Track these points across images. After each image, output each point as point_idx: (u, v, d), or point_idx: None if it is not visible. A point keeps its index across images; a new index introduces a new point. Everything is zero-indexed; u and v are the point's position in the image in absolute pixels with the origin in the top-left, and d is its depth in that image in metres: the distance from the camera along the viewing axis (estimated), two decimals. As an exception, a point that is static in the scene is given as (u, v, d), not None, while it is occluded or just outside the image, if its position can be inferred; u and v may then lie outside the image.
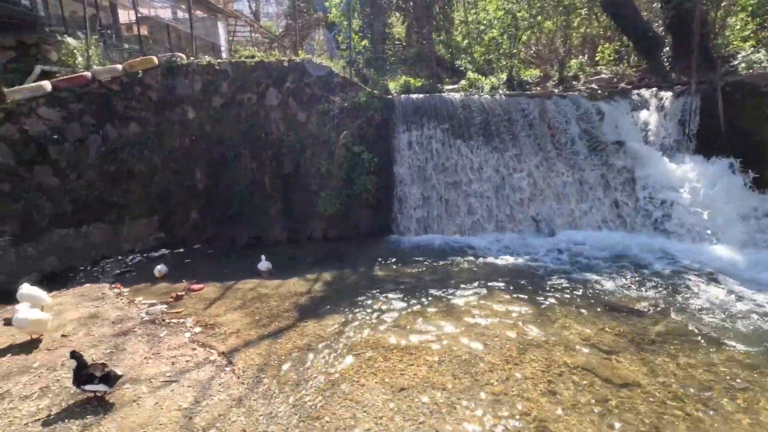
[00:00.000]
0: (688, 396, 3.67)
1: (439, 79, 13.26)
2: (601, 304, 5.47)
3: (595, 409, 3.53)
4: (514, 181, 8.75)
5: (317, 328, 5.03)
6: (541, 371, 4.04)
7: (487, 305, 5.51)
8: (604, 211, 8.41)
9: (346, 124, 9.02)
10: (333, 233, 9.02)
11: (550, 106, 9.21)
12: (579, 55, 15.35)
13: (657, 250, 7.15)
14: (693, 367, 4.06)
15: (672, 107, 8.85)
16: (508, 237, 8.31)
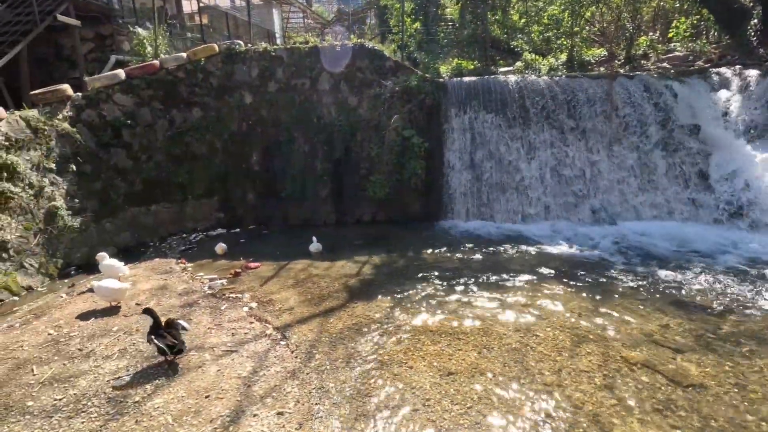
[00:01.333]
0: (763, 401, 3.38)
1: (492, 61, 12.82)
2: (665, 298, 5.13)
3: (657, 408, 3.35)
4: (572, 168, 8.33)
5: (366, 309, 5.13)
6: (597, 365, 3.88)
7: (538, 294, 5.35)
8: (673, 200, 7.82)
9: (396, 108, 8.97)
10: (382, 217, 9.10)
11: (616, 87, 8.61)
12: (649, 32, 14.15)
13: (732, 244, 6.57)
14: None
15: (759, 87, 7.97)
16: (564, 225, 7.97)
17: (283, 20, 20.80)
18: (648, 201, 7.92)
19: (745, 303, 4.96)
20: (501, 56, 13.83)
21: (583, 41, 12.55)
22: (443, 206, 8.90)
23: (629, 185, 8.06)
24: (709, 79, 8.51)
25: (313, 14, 23.34)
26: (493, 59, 13.24)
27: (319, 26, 21.70)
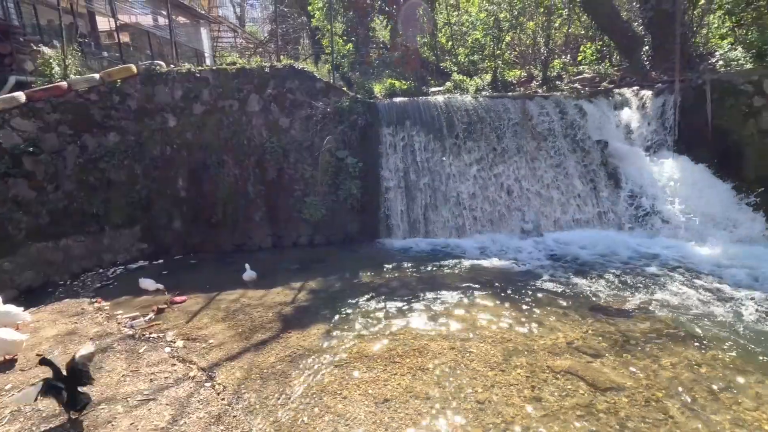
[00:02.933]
0: (670, 397, 3.66)
1: (424, 81, 13.26)
2: (586, 305, 5.47)
3: (579, 414, 3.51)
4: (499, 183, 8.76)
5: (300, 338, 4.95)
6: (525, 377, 4.02)
7: (472, 310, 5.48)
8: (590, 211, 8.46)
9: (329, 129, 8.96)
10: (319, 239, 8.95)
11: (534, 106, 9.24)
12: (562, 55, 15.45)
13: (640, 249, 7.19)
14: (675, 367, 4.07)
15: (652, 106, 8.94)
16: (495, 238, 8.30)
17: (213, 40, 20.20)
18: (568, 212, 8.51)
19: (652, 304, 5.42)
20: (432, 76, 14.39)
21: (505, 63, 13.42)
22: (380, 225, 8.94)
23: (551, 198, 8.61)
24: (612, 99, 9.40)
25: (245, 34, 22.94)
26: (424, 79, 13.74)
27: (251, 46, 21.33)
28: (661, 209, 7.83)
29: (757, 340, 4.47)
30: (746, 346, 4.37)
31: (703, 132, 8.58)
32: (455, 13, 15.15)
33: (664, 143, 8.83)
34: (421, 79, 13.20)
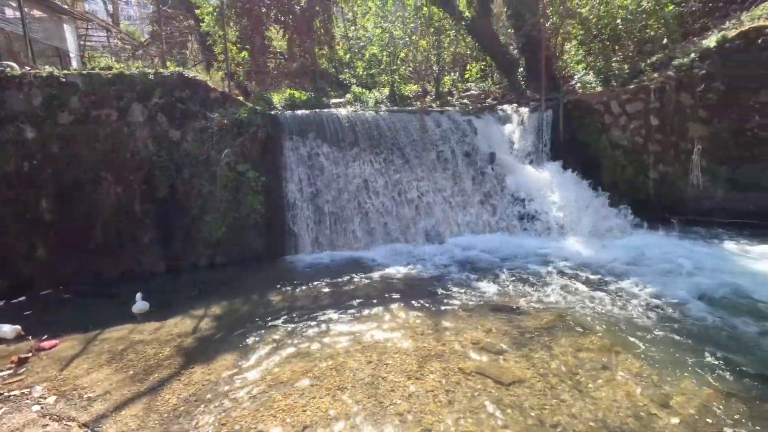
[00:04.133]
0: (562, 383, 4.13)
1: (324, 93, 13.26)
2: (488, 305, 5.93)
3: (489, 411, 3.77)
4: (402, 194, 9.10)
5: (206, 372, 4.54)
6: (440, 382, 4.19)
7: (385, 321, 5.58)
8: (485, 218, 9.23)
9: (227, 141, 8.44)
10: (221, 259, 8.34)
11: (430, 120, 9.82)
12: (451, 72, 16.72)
13: (529, 249, 8.04)
14: (564, 355, 4.60)
15: (529, 121, 10.11)
16: (402, 248, 8.59)
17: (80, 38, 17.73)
18: (466, 219, 9.18)
19: (542, 300, 6.08)
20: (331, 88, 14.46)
21: (401, 78, 14.07)
22: (288, 241, 8.66)
23: (450, 206, 9.21)
24: (496, 114, 10.43)
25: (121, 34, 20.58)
26: (324, 91, 13.75)
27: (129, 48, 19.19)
28: (544, 212, 8.88)
29: (625, 322, 5.27)
30: (617, 329, 5.12)
31: (570, 144, 9.98)
32: (352, 27, 15.47)
33: (542, 154, 10.05)
34: (322, 90, 13.18)
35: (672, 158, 9.68)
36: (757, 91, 8.99)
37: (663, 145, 9.70)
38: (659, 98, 9.70)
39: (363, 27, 15.03)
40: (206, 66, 15.23)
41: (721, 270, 6.45)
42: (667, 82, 9.69)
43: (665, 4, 11.20)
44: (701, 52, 9.61)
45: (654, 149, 9.71)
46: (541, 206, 8.94)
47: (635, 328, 5.09)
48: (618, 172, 9.78)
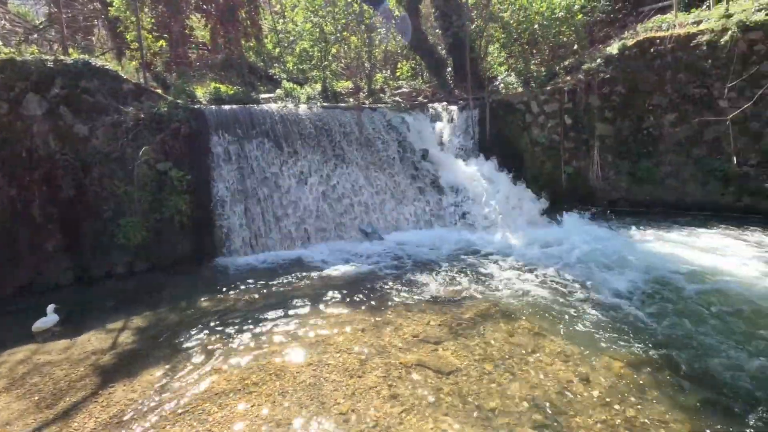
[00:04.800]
0: (496, 367, 4.35)
1: (253, 87, 12.72)
2: (426, 299, 6.08)
3: (431, 400, 3.87)
4: (338, 190, 9.02)
5: (129, 390, 4.15)
6: (382, 377, 4.22)
7: (325, 320, 5.49)
8: (420, 213, 9.45)
9: (145, 137, 7.77)
10: (141, 266, 7.68)
11: (364, 117, 9.82)
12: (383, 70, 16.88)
13: (463, 242, 8.38)
14: (498, 341, 4.86)
15: (459, 119, 10.52)
16: (339, 245, 8.52)
17: (-44, 16, 15.23)
18: (403, 214, 9.33)
19: (476, 290, 6.36)
20: (261, 82, 13.91)
21: (333, 74, 13.91)
22: (218, 243, 8.19)
23: (387, 203, 9.30)
24: (428, 112, 10.72)
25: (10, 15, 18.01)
26: (253, 85, 13.18)
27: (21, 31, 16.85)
28: (475, 206, 9.30)
29: (550, 306, 5.67)
30: (543, 314, 5.50)
31: (497, 141, 10.55)
32: (281, 20, 14.97)
33: (471, 150, 10.50)
34: (250, 84, 12.63)
35: (583, 154, 10.63)
36: (651, 95, 10.16)
37: (576, 142, 10.62)
38: (572, 99, 10.59)
39: (292, 21, 14.60)
40: (117, 54, 13.86)
41: (628, 254, 7.20)
42: (578, 85, 10.60)
43: (575, 13, 12.23)
44: (605, 58, 10.64)
45: (568, 146, 10.60)
46: (472, 200, 9.35)
47: (559, 311, 5.51)
48: (539, 166, 10.53)
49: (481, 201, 9.28)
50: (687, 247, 7.34)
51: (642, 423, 3.51)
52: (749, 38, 9.13)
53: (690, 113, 9.75)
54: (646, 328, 5.01)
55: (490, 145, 10.49)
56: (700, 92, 9.69)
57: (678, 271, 6.45)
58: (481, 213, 9.17)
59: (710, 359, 4.31)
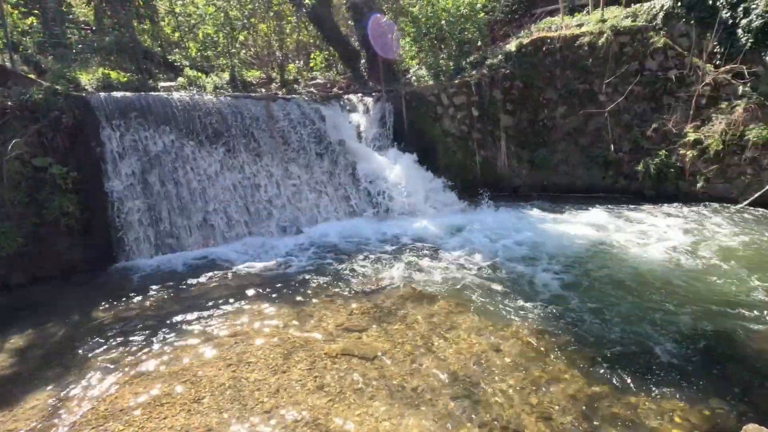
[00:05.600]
0: (417, 348, 4.53)
1: (150, 75, 11.61)
2: (348, 289, 6.09)
3: (357, 387, 3.91)
4: (252, 184, 8.63)
5: (11, 420, 3.59)
6: (307, 370, 4.16)
7: (244, 318, 5.25)
8: (339, 204, 9.41)
9: (15, 129, 6.70)
10: (19, 278, 6.66)
11: (277, 108, 9.48)
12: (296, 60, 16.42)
13: (382, 231, 8.51)
14: (418, 323, 5.05)
15: (374, 110, 10.64)
16: (256, 241, 8.16)
17: None
18: (322, 206, 9.23)
19: (397, 276, 6.51)
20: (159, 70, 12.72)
21: (242, 63, 13.21)
22: (116, 246, 7.37)
23: (306, 195, 9.12)
24: (343, 103, 10.66)
25: None
26: (150, 72, 12.00)
27: None
28: (392, 195, 9.51)
29: (465, 285, 6.01)
30: (458, 293, 5.82)
31: (411, 132, 10.87)
32: (179, 2, 13.79)
33: (387, 141, 10.69)
34: (146, 71, 11.49)
35: (490, 144, 11.41)
36: (544, 89, 11.21)
37: (483, 133, 11.35)
38: (478, 92, 11.27)
39: (193, 3, 13.53)
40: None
41: (530, 233, 7.90)
42: (482, 79, 11.31)
43: (478, 11, 12.99)
44: (505, 54, 11.47)
45: (476, 136, 11.29)
46: (389, 190, 9.55)
47: (473, 289, 5.88)
48: (450, 156, 11.08)
49: (398, 190, 9.52)
50: (577, 224, 8.27)
51: (545, 381, 3.91)
52: (620, 41, 10.47)
53: (576, 106, 10.95)
54: (548, 297, 5.56)
55: (406, 136, 10.78)
56: (584, 88, 10.91)
57: (571, 245, 7.25)
58: (399, 202, 9.42)
59: (600, 320, 4.93)
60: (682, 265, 6.30)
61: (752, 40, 8.91)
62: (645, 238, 7.39)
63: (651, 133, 10.08)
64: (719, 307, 5.06)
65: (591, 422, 3.42)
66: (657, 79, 10.09)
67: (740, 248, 6.78)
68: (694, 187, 9.52)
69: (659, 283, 5.76)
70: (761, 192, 8.69)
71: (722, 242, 7.04)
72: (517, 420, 3.48)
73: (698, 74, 9.47)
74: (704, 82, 9.35)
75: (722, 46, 9.41)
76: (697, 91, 9.44)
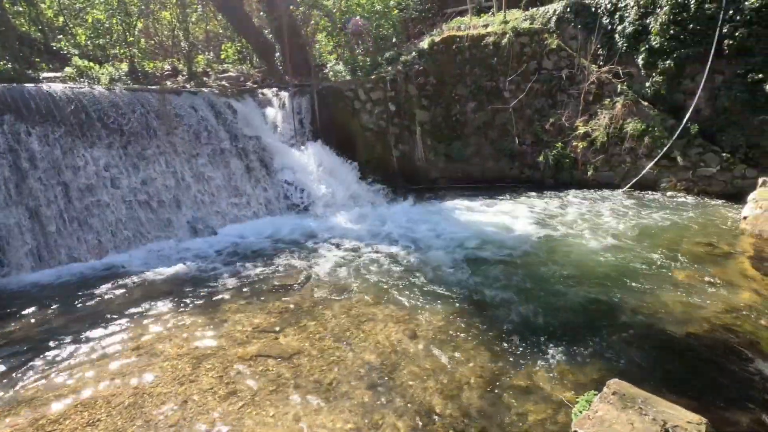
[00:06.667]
0: (336, 343, 4.54)
1: (29, 64, 10.25)
2: (265, 289, 5.92)
3: (272, 388, 3.82)
4: (157, 184, 7.99)
5: None
6: (218, 377, 3.98)
7: (148, 331, 4.87)
8: (255, 202, 9.07)
9: None
10: None
11: (183, 102, 8.86)
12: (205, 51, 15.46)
13: (301, 228, 8.37)
14: (336, 318, 5.06)
15: (290, 105, 10.39)
16: (164, 246, 7.60)
17: None
18: (237, 205, 8.83)
19: (316, 273, 6.46)
20: (41, 58, 11.26)
21: (143, 53, 12.14)
22: (-11, 260, 6.40)
23: (218, 194, 8.65)
24: (257, 98, 10.27)
25: None
26: (28, 60, 10.57)
27: None
28: (311, 191, 9.38)
29: (384, 278, 6.14)
30: (376, 284, 5.93)
31: (329, 127, 10.79)
32: (61, -19, 12.28)
33: (305, 136, 10.51)
34: (24, 60, 10.10)
35: (407, 138, 11.73)
36: (456, 86, 11.77)
37: (400, 128, 11.63)
38: (393, 88, 11.51)
39: (78, -16, 12.13)
40: None
41: (445, 223, 8.29)
42: (398, 75, 11.57)
43: (392, 9, 13.24)
44: (419, 51, 11.84)
45: (394, 131, 11.54)
46: (307, 186, 9.41)
47: (390, 280, 6.03)
48: (370, 150, 11.21)
49: (317, 187, 9.42)
50: (488, 213, 8.85)
51: (456, 362, 4.14)
52: (521, 41, 11.32)
53: (485, 102, 11.65)
54: (461, 282, 5.87)
55: (324, 131, 10.68)
56: (491, 84, 11.64)
57: (482, 231, 7.74)
58: (317, 198, 9.33)
59: (506, 300, 5.32)
60: (576, 243, 7.04)
61: (627, 44, 10.14)
62: (546, 222, 8.12)
63: (549, 127, 11.07)
64: (606, 280, 5.74)
65: (494, 394, 3.69)
66: (552, 77, 11.09)
67: (621, 227, 7.73)
68: (586, 175, 10.65)
69: (558, 262, 6.37)
70: (638, 178, 9.97)
71: (608, 223, 7.98)
72: (429, 401, 3.65)
73: (585, 73, 10.58)
74: (590, 81, 10.46)
75: (604, 49, 10.59)
76: (585, 89, 10.54)
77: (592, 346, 4.32)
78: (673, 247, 6.76)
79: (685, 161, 9.52)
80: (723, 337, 4.45)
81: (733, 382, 3.78)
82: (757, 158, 8.90)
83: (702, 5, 8.97)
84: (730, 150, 9.14)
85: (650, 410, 2.13)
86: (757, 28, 8.50)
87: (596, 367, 3.99)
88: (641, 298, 5.26)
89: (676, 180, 9.67)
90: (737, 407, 3.41)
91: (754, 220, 7.02)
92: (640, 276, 5.83)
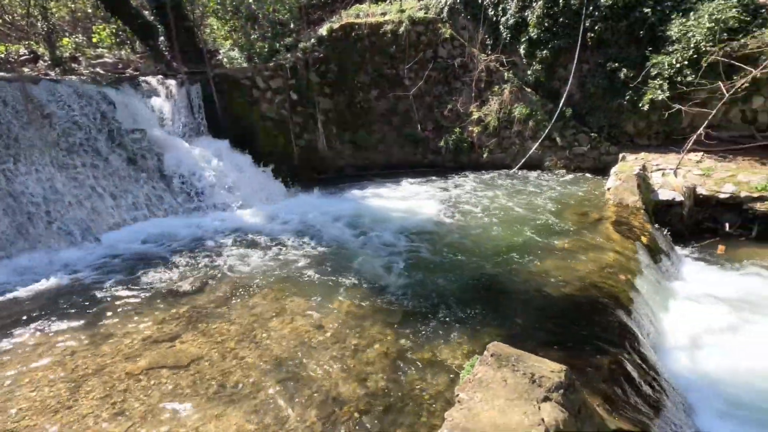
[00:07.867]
0: (240, 343, 4.36)
1: None
2: (159, 296, 5.44)
3: (168, 400, 3.55)
4: (19, 188, 6.87)
5: None
6: (102, 398, 3.59)
7: (15, 358, 4.21)
8: (145, 202, 8.25)
9: None
10: None
11: (44, 93, 7.67)
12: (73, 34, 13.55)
13: (199, 227, 7.81)
14: (241, 317, 4.84)
15: (179, 95, 9.56)
16: (35, 258, 6.58)
17: None
18: (124, 207, 7.94)
19: (218, 273, 6.10)
20: None
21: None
22: None
23: (99, 196, 7.70)
24: (140, 87, 9.26)
25: None
26: None
27: None
28: (207, 187, 8.77)
29: (290, 272, 5.99)
30: (283, 279, 5.78)
31: (226, 117, 10.15)
32: None
33: (197, 128, 9.77)
34: None
35: (312, 127, 11.52)
36: (357, 73, 11.78)
37: (303, 117, 11.37)
38: (294, 76, 11.18)
39: None
40: None
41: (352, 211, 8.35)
42: (297, 62, 11.24)
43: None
44: (318, 38, 11.61)
45: (297, 120, 11.25)
46: (204, 182, 8.79)
47: (298, 274, 5.92)
48: (272, 141, 10.81)
49: (215, 182, 8.85)
50: (392, 198, 9.11)
51: (362, 346, 4.22)
52: (417, 30, 11.65)
53: (387, 89, 11.86)
54: (368, 269, 5.97)
55: (220, 122, 10.03)
56: (391, 72, 11.85)
57: (387, 217, 7.94)
58: (216, 195, 8.77)
59: (410, 281, 5.54)
60: (473, 223, 7.55)
61: (510, 35, 10.98)
62: (447, 204, 8.59)
63: (447, 113, 11.64)
64: (498, 254, 6.25)
65: (399, 372, 3.84)
66: (448, 65, 11.63)
67: (511, 203, 8.47)
68: (482, 158, 11.43)
69: (457, 241, 6.78)
70: (525, 158, 10.97)
71: (500, 200, 8.68)
72: (336, 388, 3.67)
73: (475, 62, 11.27)
74: (479, 69, 11.18)
75: (491, 39, 11.35)
76: (476, 77, 11.24)
77: (484, 315, 4.69)
78: (555, 218, 7.58)
79: (563, 141, 10.68)
80: (592, 294, 5.12)
81: (599, 331, 4.38)
82: (617, 137, 10.31)
83: (568, 1, 10.02)
84: (596, 130, 10.46)
85: (521, 366, 2.37)
86: (611, 23, 9.75)
87: (487, 333, 4.35)
88: (528, 267, 5.83)
89: (556, 158, 10.83)
90: (599, 353, 3.96)
91: (615, 191, 8.14)
92: (528, 247, 6.46)
